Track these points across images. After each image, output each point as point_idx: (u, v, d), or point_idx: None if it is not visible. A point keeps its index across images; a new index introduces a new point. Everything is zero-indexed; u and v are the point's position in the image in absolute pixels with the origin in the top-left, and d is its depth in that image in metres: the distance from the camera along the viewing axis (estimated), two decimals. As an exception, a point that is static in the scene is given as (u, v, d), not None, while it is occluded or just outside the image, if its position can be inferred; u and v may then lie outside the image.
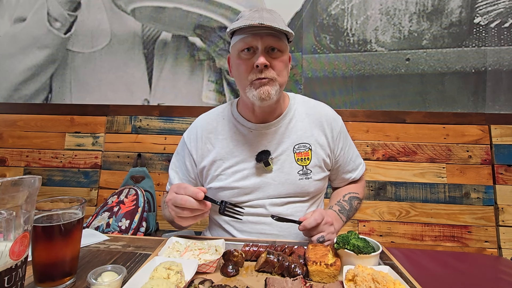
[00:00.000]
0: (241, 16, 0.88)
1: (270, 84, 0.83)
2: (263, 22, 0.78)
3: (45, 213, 0.60)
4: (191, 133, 1.02)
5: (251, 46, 0.83)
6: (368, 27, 1.80)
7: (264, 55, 0.82)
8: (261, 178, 0.93)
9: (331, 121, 0.99)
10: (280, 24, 0.81)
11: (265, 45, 0.82)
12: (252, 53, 0.84)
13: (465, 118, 1.71)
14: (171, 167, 1.04)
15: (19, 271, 0.49)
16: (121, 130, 1.87)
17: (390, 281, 0.58)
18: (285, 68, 0.87)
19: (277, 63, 0.84)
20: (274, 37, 0.83)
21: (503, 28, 1.72)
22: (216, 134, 0.98)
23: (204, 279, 0.61)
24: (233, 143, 0.96)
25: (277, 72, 0.84)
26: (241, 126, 0.96)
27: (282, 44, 0.85)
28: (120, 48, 1.94)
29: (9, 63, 2.00)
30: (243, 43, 0.83)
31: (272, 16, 0.84)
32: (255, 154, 0.93)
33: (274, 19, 0.82)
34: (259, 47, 0.82)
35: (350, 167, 1.04)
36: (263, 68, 0.82)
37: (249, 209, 0.93)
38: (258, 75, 0.83)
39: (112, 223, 1.34)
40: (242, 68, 0.85)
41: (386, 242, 1.65)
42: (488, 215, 1.62)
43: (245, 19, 0.82)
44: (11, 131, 1.92)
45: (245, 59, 0.84)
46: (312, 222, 0.78)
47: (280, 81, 0.86)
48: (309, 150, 0.95)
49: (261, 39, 0.81)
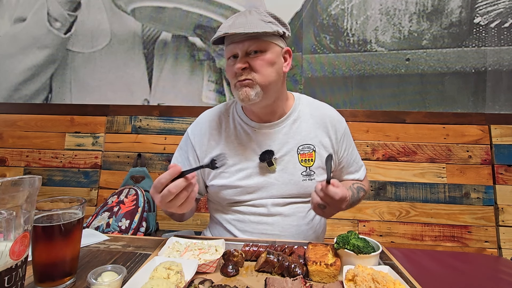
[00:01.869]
0: None
1: (249, 86, 0.85)
2: (227, 31, 0.81)
3: (45, 213, 0.60)
4: (196, 129, 1.02)
5: (234, 53, 0.86)
6: (368, 27, 1.80)
7: (243, 60, 0.85)
8: (264, 178, 0.93)
9: (335, 123, 0.99)
10: (253, 25, 0.81)
11: (244, 49, 0.84)
12: (235, 59, 0.87)
13: (465, 118, 1.71)
14: (173, 161, 1.03)
15: (19, 271, 0.49)
16: (121, 130, 1.87)
17: (390, 281, 0.59)
18: (268, 67, 0.86)
19: (257, 63, 0.85)
20: (252, 39, 0.83)
21: (503, 28, 1.72)
22: (220, 131, 0.98)
23: (204, 279, 0.61)
24: (237, 141, 0.96)
25: (257, 72, 0.85)
26: (245, 124, 0.97)
27: (263, 44, 0.85)
28: (120, 48, 1.94)
29: (9, 63, 2.00)
30: (227, 52, 0.89)
31: (246, 19, 0.84)
32: (258, 154, 0.93)
33: (246, 22, 0.82)
34: (239, 53, 0.85)
35: (353, 168, 1.05)
36: (241, 72, 0.85)
37: (251, 209, 0.93)
38: (238, 78, 0.86)
39: (112, 223, 1.34)
40: (229, 73, 0.90)
41: (386, 242, 1.65)
42: (488, 215, 1.62)
43: (219, 29, 0.85)
44: (11, 131, 1.92)
45: (231, 66, 0.88)
46: (338, 192, 0.75)
47: (260, 81, 0.85)
48: (313, 151, 0.95)
49: (239, 45, 0.84)
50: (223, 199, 0.96)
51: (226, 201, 0.96)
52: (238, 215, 0.95)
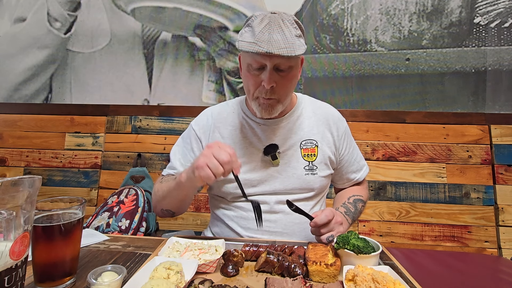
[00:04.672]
0: (249, 25, 0.83)
1: (273, 104, 0.87)
2: (271, 50, 0.75)
3: (45, 213, 0.60)
4: (200, 120, 1.03)
5: (261, 65, 0.82)
6: (368, 27, 1.80)
7: (271, 75, 0.81)
8: (268, 172, 0.94)
9: (337, 121, 1.02)
10: (294, 46, 0.77)
11: (273, 63, 0.81)
12: (260, 70, 0.83)
13: (465, 118, 1.71)
14: (174, 151, 1.03)
15: (19, 271, 0.49)
16: (121, 130, 1.87)
17: (390, 281, 0.59)
18: (293, 84, 0.88)
19: (284, 82, 0.84)
20: (285, 56, 0.78)
21: (503, 28, 1.72)
22: (225, 124, 1.00)
23: (204, 279, 0.61)
24: (242, 134, 0.97)
25: (282, 92, 0.86)
26: (249, 119, 0.98)
27: (292, 61, 0.83)
28: (120, 48, 1.94)
29: (9, 63, 2.00)
30: (251, 60, 0.82)
31: (284, 34, 0.78)
32: (263, 147, 0.95)
33: (286, 40, 0.78)
34: (267, 65, 0.81)
35: (355, 168, 1.06)
36: (269, 89, 0.83)
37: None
38: (263, 95, 0.85)
39: (112, 223, 1.34)
40: (250, 82, 0.86)
41: (386, 242, 1.65)
42: (488, 215, 1.62)
43: (253, 40, 0.78)
44: (11, 131, 1.92)
45: (253, 75, 0.84)
46: (323, 218, 0.78)
47: (284, 99, 0.88)
48: (316, 146, 0.96)
49: (270, 59, 0.80)
50: (227, 193, 0.96)
51: (229, 195, 0.96)
52: (241, 211, 0.95)
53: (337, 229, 0.81)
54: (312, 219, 0.80)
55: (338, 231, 0.81)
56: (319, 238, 0.81)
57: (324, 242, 0.78)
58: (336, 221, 0.81)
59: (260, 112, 0.88)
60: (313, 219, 0.80)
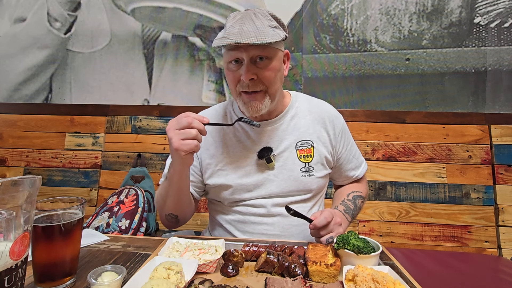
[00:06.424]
0: (225, 24, 0.84)
1: (259, 98, 0.84)
2: (240, 40, 0.74)
3: (45, 213, 0.60)
4: None
5: (237, 58, 0.82)
6: (368, 27, 1.80)
7: (249, 67, 0.81)
8: (263, 175, 0.92)
9: (333, 119, 0.99)
10: (264, 34, 0.76)
11: (250, 56, 0.80)
12: (239, 64, 0.83)
13: (465, 118, 1.71)
14: (169, 160, 1.00)
15: (19, 271, 0.49)
16: (121, 130, 1.87)
17: (390, 281, 0.58)
18: (276, 75, 0.85)
19: (265, 73, 0.82)
20: (260, 46, 0.79)
21: (503, 28, 1.72)
22: (217, 127, 0.98)
23: (204, 279, 0.61)
24: (235, 138, 0.96)
25: (266, 82, 0.83)
26: (242, 122, 0.96)
27: (270, 51, 0.82)
28: (120, 48, 1.94)
29: (9, 63, 2.00)
30: (228, 56, 0.83)
31: (255, 25, 0.78)
32: (257, 151, 0.93)
33: (257, 29, 0.77)
34: (244, 58, 0.80)
35: (353, 165, 1.04)
36: (249, 82, 0.82)
37: (251, 209, 0.93)
38: (245, 89, 0.83)
39: (112, 223, 1.34)
40: (230, 78, 0.86)
41: (386, 242, 1.65)
42: (488, 215, 1.62)
43: (223, 35, 0.79)
44: (11, 131, 1.92)
45: (233, 71, 0.84)
46: (322, 220, 0.78)
47: (271, 91, 0.85)
48: (312, 147, 0.95)
49: (246, 51, 0.79)
50: (224, 199, 0.95)
51: (226, 201, 0.95)
52: (238, 215, 0.95)
53: (337, 230, 0.81)
54: (311, 222, 0.80)
55: (338, 232, 0.81)
56: (319, 240, 0.81)
57: (324, 243, 0.78)
58: (335, 222, 0.81)
59: (247, 110, 0.86)
60: (312, 222, 0.79)
